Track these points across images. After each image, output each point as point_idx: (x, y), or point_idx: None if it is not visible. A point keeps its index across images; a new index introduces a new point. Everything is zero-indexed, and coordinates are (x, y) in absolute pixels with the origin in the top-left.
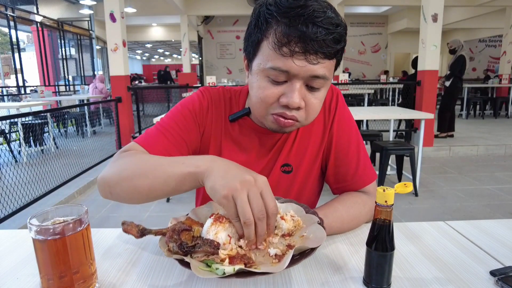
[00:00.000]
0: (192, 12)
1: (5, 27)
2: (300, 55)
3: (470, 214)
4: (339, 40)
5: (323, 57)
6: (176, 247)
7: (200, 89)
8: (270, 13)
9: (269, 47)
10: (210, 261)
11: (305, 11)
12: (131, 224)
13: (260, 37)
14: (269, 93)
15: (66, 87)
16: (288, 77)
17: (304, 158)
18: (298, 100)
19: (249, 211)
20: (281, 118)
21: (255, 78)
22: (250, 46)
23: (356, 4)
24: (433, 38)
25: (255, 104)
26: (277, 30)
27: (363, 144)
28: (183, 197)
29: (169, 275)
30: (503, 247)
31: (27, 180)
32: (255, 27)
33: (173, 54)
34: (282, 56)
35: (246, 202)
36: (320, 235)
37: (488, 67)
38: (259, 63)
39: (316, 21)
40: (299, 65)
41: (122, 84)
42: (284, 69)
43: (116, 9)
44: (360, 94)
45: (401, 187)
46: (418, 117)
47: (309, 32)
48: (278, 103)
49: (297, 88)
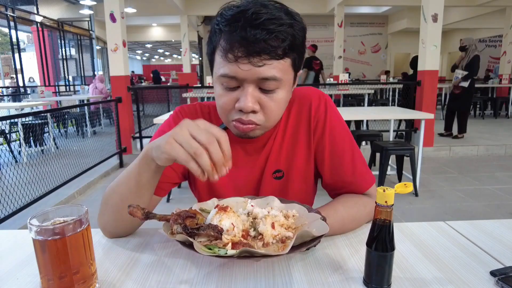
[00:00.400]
0: (192, 12)
1: (5, 27)
2: (244, 59)
3: (470, 214)
4: (283, 39)
5: (268, 58)
6: (180, 229)
7: (176, 110)
8: (217, 23)
9: (219, 55)
10: (213, 246)
11: (243, 15)
12: (136, 206)
13: (212, 47)
14: (225, 100)
15: (66, 87)
16: (239, 82)
17: (293, 163)
18: (251, 104)
19: (194, 141)
20: (239, 124)
21: (215, 86)
22: (209, 57)
23: (356, 4)
24: (433, 38)
25: (218, 112)
26: (222, 39)
27: (358, 150)
28: (183, 197)
29: (169, 275)
30: (503, 247)
31: (27, 180)
32: (209, 38)
33: (173, 54)
34: (228, 62)
35: (189, 136)
36: (322, 228)
37: (488, 67)
38: (215, 72)
39: (254, 23)
40: (245, 69)
41: (122, 84)
42: (231, 75)
43: (116, 9)
44: (360, 94)
45: (401, 187)
46: (418, 117)
47: (247, 35)
48: (234, 109)
49: (249, 92)
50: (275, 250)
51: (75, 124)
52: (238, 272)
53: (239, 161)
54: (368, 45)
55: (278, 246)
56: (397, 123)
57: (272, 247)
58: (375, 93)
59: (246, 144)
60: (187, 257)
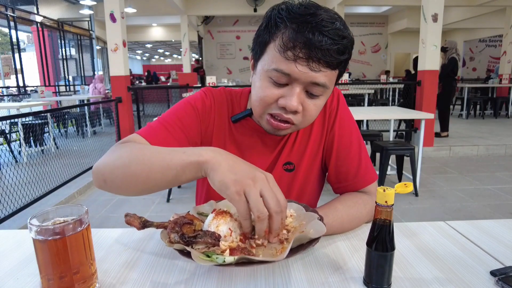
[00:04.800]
0: (192, 12)
1: (5, 27)
2: (303, 61)
3: (470, 214)
4: (343, 51)
5: (326, 66)
6: (177, 237)
7: (203, 89)
8: (281, 17)
9: (275, 49)
10: (211, 252)
11: (313, 19)
12: (133, 216)
13: (268, 39)
14: (269, 93)
15: (66, 87)
16: (289, 80)
17: (304, 155)
18: (296, 104)
19: (263, 206)
20: (273, 121)
21: (258, 78)
22: (258, 47)
23: (356, 4)
24: (433, 38)
25: (254, 102)
26: (284, 34)
27: (364, 145)
28: (183, 197)
29: (169, 275)
30: (503, 247)
31: (27, 180)
32: (265, 28)
33: (173, 54)
34: (286, 59)
35: (260, 198)
36: (319, 228)
37: (488, 67)
38: (264, 64)
39: (323, 30)
40: (301, 71)
41: (122, 84)
42: (286, 72)
43: (116, 9)
44: (360, 94)
45: (401, 187)
46: (418, 117)
47: (314, 39)
48: (277, 104)
49: (297, 92)
50: (273, 254)
51: (75, 124)
52: (238, 272)
53: (255, 152)
54: (368, 45)
55: (276, 249)
56: (397, 123)
57: (270, 250)
58: (375, 93)
59: (266, 135)
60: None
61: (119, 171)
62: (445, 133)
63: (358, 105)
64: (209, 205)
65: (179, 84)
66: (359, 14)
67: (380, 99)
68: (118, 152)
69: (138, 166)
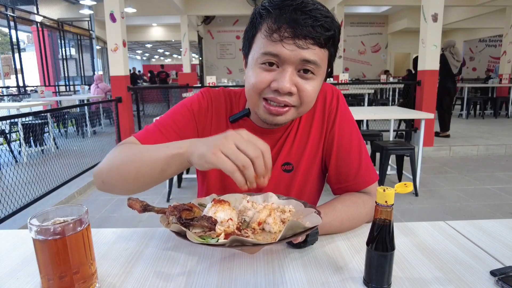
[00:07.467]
0: (192, 12)
1: (5, 27)
2: (289, 40)
3: (470, 214)
4: (328, 28)
5: (313, 42)
6: (175, 219)
7: (201, 90)
8: (264, 7)
9: (261, 36)
10: (206, 236)
11: (295, 2)
12: (135, 199)
13: (254, 31)
14: (261, 78)
15: (66, 87)
16: (280, 62)
17: (303, 156)
18: (289, 85)
19: (243, 155)
20: (270, 106)
21: (249, 69)
22: (247, 41)
23: (356, 4)
24: (433, 38)
25: (248, 92)
26: (268, 21)
27: (364, 145)
28: (183, 197)
29: (169, 274)
30: (503, 247)
31: (27, 180)
32: (250, 23)
33: (173, 54)
34: (273, 42)
35: (236, 149)
36: (315, 220)
37: (488, 67)
38: (254, 54)
39: (305, 9)
40: (289, 49)
41: (122, 84)
42: (274, 53)
43: (116, 9)
44: (360, 94)
45: (401, 187)
46: (418, 117)
47: (297, 18)
48: (270, 88)
49: (288, 73)
50: (267, 240)
51: (75, 124)
52: (238, 271)
53: None
54: (368, 45)
55: (270, 236)
56: (397, 123)
57: (264, 238)
58: (375, 93)
59: (264, 135)
60: (187, 258)
61: (114, 172)
62: (445, 133)
63: (358, 105)
64: (210, 198)
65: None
66: (359, 14)
67: (380, 99)
68: (113, 154)
69: (129, 165)
